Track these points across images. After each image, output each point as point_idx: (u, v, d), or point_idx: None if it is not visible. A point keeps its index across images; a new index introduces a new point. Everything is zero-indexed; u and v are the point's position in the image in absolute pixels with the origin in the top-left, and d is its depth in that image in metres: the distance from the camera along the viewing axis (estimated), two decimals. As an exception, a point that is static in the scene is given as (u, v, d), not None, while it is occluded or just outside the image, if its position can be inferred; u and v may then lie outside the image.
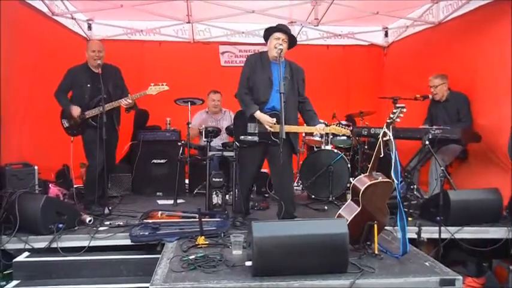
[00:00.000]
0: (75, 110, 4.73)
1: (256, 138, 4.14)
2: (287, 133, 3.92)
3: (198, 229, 3.71)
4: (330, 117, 5.89)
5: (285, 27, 4.23)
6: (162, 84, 4.78)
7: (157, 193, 6.03)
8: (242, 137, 4.19)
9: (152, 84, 4.78)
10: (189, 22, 6.92)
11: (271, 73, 4.14)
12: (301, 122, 4.45)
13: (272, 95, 4.12)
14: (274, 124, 4.02)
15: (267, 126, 4.06)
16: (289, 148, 4.20)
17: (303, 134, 5.92)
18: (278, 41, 4.06)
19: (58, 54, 5.95)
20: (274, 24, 4.24)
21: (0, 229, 3.80)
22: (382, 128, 3.39)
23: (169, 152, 6.14)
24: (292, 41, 4.18)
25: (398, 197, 3.27)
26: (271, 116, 4.08)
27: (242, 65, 7.54)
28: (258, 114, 4.09)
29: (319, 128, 4.14)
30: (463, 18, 5.59)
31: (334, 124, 4.18)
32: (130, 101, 4.77)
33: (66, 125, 4.85)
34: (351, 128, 5.52)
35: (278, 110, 3.94)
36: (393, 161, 3.27)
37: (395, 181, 3.28)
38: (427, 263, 3.26)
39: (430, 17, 6.30)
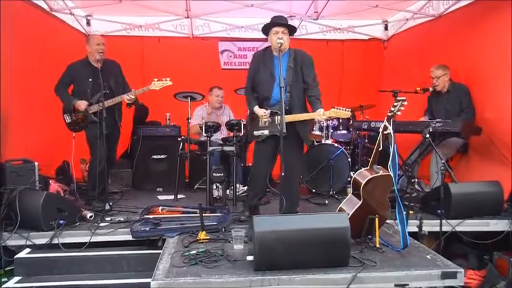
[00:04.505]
0: (82, 104, 4.71)
1: (266, 132, 4.17)
2: (293, 124, 4.00)
3: (199, 224, 3.70)
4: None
5: (280, 19, 4.22)
6: (166, 80, 4.75)
7: (158, 188, 6.05)
8: (255, 132, 4.23)
9: (155, 79, 4.75)
10: (188, 17, 6.90)
11: (273, 68, 4.15)
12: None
13: (275, 89, 4.14)
14: (270, 116, 4.12)
15: (262, 121, 4.17)
16: (297, 139, 4.20)
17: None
18: (277, 35, 4.06)
19: (58, 51, 5.94)
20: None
21: (1, 226, 3.80)
22: (383, 121, 3.39)
23: (169, 148, 6.15)
24: (291, 30, 4.17)
25: (396, 190, 3.28)
26: (277, 108, 4.04)
27: (241, 67, 7.57)
28: (255, 109, 4.22)
29: (318, 113, 4.04)
30: (463, 10, 5.56)
31: (333, 108, 4.09)
32: (132, 97, 4.75)
33: (68, 120, 4.84)
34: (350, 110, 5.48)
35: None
36: (391, 154, 3.27)
37: (392, 174, 3.28)
38: (428, 256, 3.26)
39: (430, 10, 6.26)
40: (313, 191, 5.64)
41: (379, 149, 3.43)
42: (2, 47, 4.61)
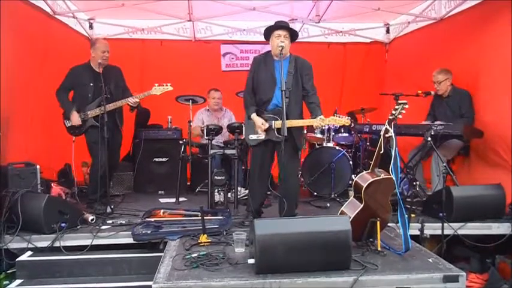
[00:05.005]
0: (75, 120, 4.76)
1: (262, 136, 4.16)
2: (289, 129, 3.89)
3: (201, 227, 3.70)
4: (332, 114, 5.86)
5: (283, 23, 4.22)
6: (166, 85, 4.79)
7: (159, 191, 6.05)
8: (251, 136, 4.22)
9: (156, 84, 4.79)
10: (190, 20, 6.90)
11: (274, 71, 4.15)
12: (307, 116, 4.39)
13: (275, 93, 4.13)
14: (267, 128, 4.09)
15: (259, 130, 4.12)
16: (292, 144, 4.14)
17: (304, 131, 5.87)
18: (280, 38, 4.05)
19: (61, 54, 5.95)
20: (273, 22, 4.24)
21: (3, 228, 3.80)
22: (384, 124, 3.39)
23: (170, 151, 6.15)
24: (293, 34, 4.16)
25: (397, 193, 3.28)
26: (275, 112, 4.10)
27: (243, 69, 7.53)
28: (253, 117, 4.16)
29: (317, 120, 4.03)
30: (465, 13, 5.56)
31: (333, 116, 4.11)
32: (137, 100, 4.78)
33: (69, 124, 4.85)
34: (350, 117, 5.48)
35: (280, 107, 3.93)
36: (393, 157, 3.27)
37: (394, 177, 3.28)
38: (430, 260, 3.25)
39: (432, 13, 6.26)
40: (315, 193, 5.62)
41: (381, 152, 3.42)
42: (4, 50, 4.62)
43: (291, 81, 4.10)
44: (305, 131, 5.82)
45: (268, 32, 4.19)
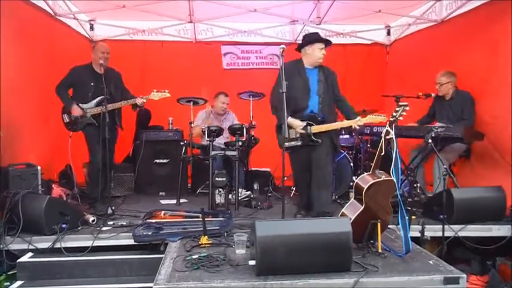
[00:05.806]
0: (76, 111, 4.85)
1: (299, 143, 4.30)
2: (328, 132, 4.28)
3: (201, 229, 3.70)
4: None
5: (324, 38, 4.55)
6: (164, 91, 4.96)
7: (160, 193, 6.05)
8: (287, 143, 4.23)
9: (155, 90, 4.92)
10: (191, 22, 6.92)
11: (307, 79, 4.37)
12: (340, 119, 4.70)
13: (310, 101, 4.36)
14: (306, 126, 4.29)
15: (298, 130, 4.31)
16: (331, 146, 4.43)
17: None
18: (322, 51, 4.36)
19: (63, 55, 5.97)
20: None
21: (3, 230, 3.81)
22: (385, 126, 3.39)
23: (171, 152, 6.15)
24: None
25: (398, 195, 3.28)
26: (309, 118, 4.31)
27: (244, 67, 7.59)
28: (290, 120, 4.25)
29: (356, 121, 4.26)
30: (466, 16, 5.57)
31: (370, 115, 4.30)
32: (144, 101, 4.91)
33: (67, 120, 4.93)
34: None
35: (316, 113, 4.29)
36: (394, 159, 3.27)
37: (395, 179, 3.29)
38: (430, 261, 3.25)
39: (433, 15, 6.28)
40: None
41: (382, 154, 3.43)
42: (6, 50, 4.62)
43: (322, 88, 4.36)
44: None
45: (309, 41, 4.39)
